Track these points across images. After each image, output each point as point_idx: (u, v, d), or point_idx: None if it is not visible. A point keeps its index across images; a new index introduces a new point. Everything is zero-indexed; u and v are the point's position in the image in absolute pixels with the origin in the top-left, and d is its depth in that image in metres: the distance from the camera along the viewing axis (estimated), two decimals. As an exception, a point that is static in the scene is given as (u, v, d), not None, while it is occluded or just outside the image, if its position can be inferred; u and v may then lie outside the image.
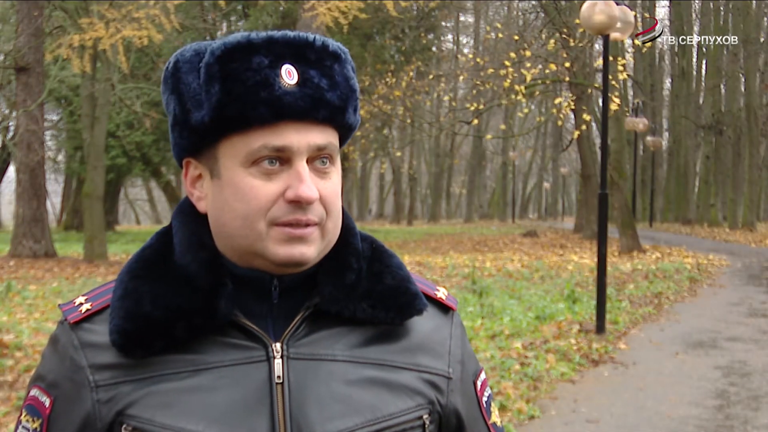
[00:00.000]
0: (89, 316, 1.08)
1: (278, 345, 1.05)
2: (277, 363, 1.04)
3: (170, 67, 1.07)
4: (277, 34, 1.02)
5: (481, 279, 13.94)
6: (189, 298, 1.04)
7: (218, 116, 1.01)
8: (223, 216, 1.05)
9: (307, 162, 1.03)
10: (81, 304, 1.09)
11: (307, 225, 1.03)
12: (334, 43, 1.06)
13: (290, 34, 1.03)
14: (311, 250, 1.04)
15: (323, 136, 1.03)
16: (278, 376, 1.04)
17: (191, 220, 1.10)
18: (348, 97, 1.05)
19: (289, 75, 1.01)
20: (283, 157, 1.02)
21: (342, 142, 1.10)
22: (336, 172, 1.06)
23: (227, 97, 1.00)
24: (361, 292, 1.09)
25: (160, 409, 1.02)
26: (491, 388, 1.25)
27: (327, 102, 1.02)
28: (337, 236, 1.09)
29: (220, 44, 1.01)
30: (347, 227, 1.13)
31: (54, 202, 44.15)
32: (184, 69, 1.04)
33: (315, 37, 1.03)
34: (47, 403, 1.07)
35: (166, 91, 1.07)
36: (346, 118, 1.05)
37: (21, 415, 1.10)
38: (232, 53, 1.01)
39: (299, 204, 1.01)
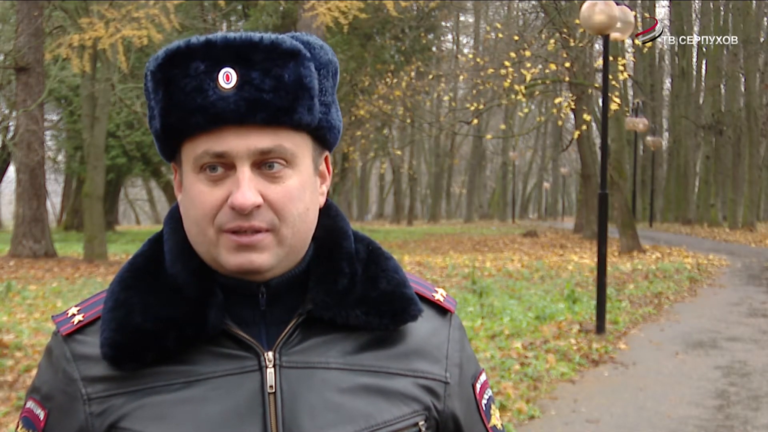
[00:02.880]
0: (81, 328, 1.07)
1: (270, 354, 1.04)
2: (270, 372, 1.03)
3: (144, 75, 1.07)
4: (217, 36, 1.00)
5: (481, 279, 13.93)
6: (179, 309, 1.03)
7: (165, 124, 1.01)
8: (186, 222, 1.05)
9: (254, 166, 1.00)
10: (73, 315, 1.09)
11: (255, 232, 1.01)
12: (293, 41, 1.02)
13: (231, 36, 1.00)
14: (263, 257, 1.02)
15: (268, 139, 1.00)
16: (270, 386, 1.03)
17: (181, 226, 1.08)
18: (297, 96, 1.00)
19: (226, 79, 0.98)
20: (226, 162, 1.00)
21: (323, 142, 1.07)
22: (295, 176, 1.02)
23: (169, 105, 1.00)
24: (354, 297, 1.08)
25: (152, 421, 1.01)
26: (491, 389, 1.24)
27: (266, 103, 0.99)
28: (303, 241, 1.06)
29: (162, 51, 1.00)
30: (340, 229, 1.11)
31: (54, 202, 44.14)
32: (148, 77, 1.04)
33: (263, 37, 1.00)
34: (42, 416, 1.06)
35: None
36: (295, 118, 1.01)
37: (18, 426, 1.10)
38: (172, 60, 1.00)
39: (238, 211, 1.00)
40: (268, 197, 1.01)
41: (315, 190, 1.07)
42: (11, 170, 28.84)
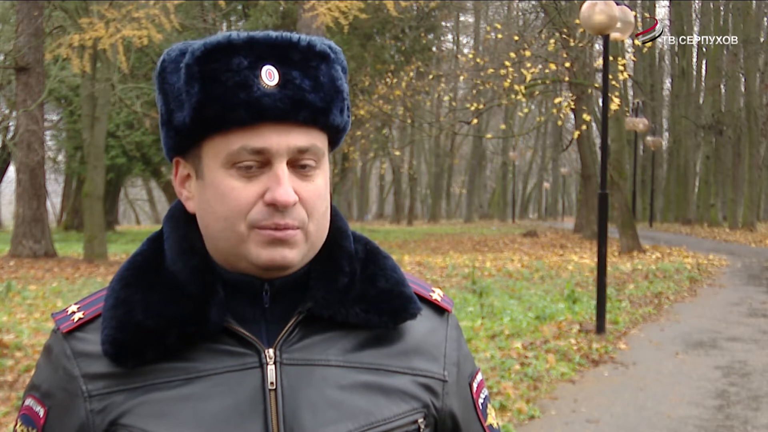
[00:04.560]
0: (82, 325, 1.07)
1: (271, 351, 1.05)
2: (270, 369, 1.04)
3: (158, 66, 1.06)
4: (258, 34, 1.01)
5: (481, 279, 13.94)
6: (181, 306, 1.03)
7: (198, 117, 1.00)
8: (207, 217, 1.05)
9: (288, 164, 1.01)
10: (73, 312, 1.09)
11: (286, 228, 1.01)
12: (322, 43, 1.04)
13: (273, 34, 1.01)
14: (293, 253, 1.03)
15: (305, 138, 1.01)
16: (271, 383, 1.03)
17: (182, 225, 1.09)
18: (333, 98, 1.03)
19: (269, 76, 0.99)
20: (263, 159, 1.01)
21: (333, 144, 1.09)
22: (321, 175, 1.05)
23: (206, 99, 0.99)
24: (354, 295, 1.08)
25: (153, 418, 1.01)
26: (490, 389, 1.25)
27: (308, 103, 1.01)
28: (322, 239, 1.08)
29: (200, 45, 1.00)
30: (339, 229, 1.12)
31: (54, 202, 44.14)
32: (169, 69, 1.04)
33: (300, 38, 1.02)
34: (41, 413, 1.07)
35: (156, 89, 1.07)
36: (330, 119, 1.03)
37: (17, 424, 1.10)
38: (212, 54, 1.00)
39: (277, 207, 1.00)
40: (302, 195, 1.02)
41: (329, 189, 1.09)
42: (11, 170, 28.84)
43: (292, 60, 1.01)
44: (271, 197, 1.00)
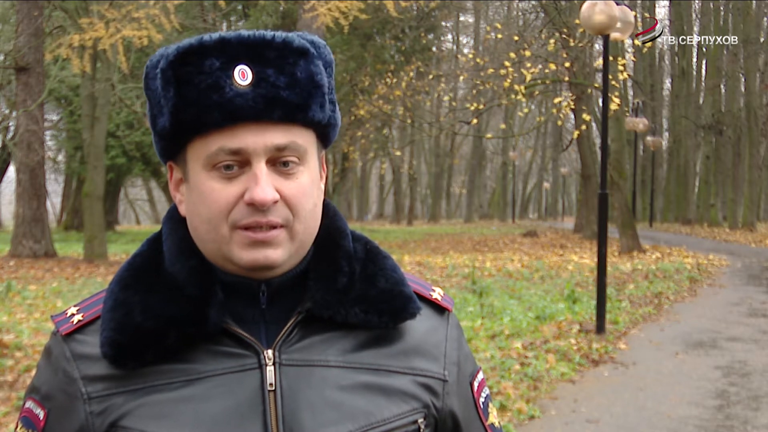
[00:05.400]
0: (81, 327, 1.07)
1: (270, 352, 1.04)
2: (269, 370, 1.04)
3: (144, 73, 1.07)
4: (230, 34, 1.00)
5: (481, 279, 13.93)
6: (180, 308, 1.03)
7: (176, 121, 1.01)
8: (194, 220, 1.05)
9: (269, 162, 1.01)
10: (73, 314, 1.09)
11: (271, 228, 1.01)
12: (302, 39, 1.04)
13: (245, 33, 1.00)
14: (277, 253, 1.02)
15: (283, 136, 1.01)
16: (270, 384, 1.03)
17: (180, 226, 1.09)
18: (311, 93, 1.02)
19: (242, 76, 0.99)
20: (241, 159, 1.01)
21: (324, 140, 1.08)
22: (306, 172, 1.04)
23: (182, 102, 1.00)
24: (353, 296, 1.08)
25: (153, 419, 1.01)
26: (490, 389, 1.25)
27: (282, 101, 1.00)
28: (311, 237, 1.08)
29: (174, 48, 1.01)
30: (338, 229, 1.12)
31: (54, 202, 44.12)
32: (150, 75, 1.04)
33: (275, 35, 1.01)
34: (41, 415, 1.07)
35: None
36: (309, 115, 1.02)
37: (17, 427, 1.10)
38: (185, 57, 1.00)
39: (256, 206, 1.00)
40: (283, 193, 1.02)
41: (320, 187, 1.09)
42: (11, 170, 28.83)
43: (266, 58, 1.00)
44: (249, 197, 1.00)
